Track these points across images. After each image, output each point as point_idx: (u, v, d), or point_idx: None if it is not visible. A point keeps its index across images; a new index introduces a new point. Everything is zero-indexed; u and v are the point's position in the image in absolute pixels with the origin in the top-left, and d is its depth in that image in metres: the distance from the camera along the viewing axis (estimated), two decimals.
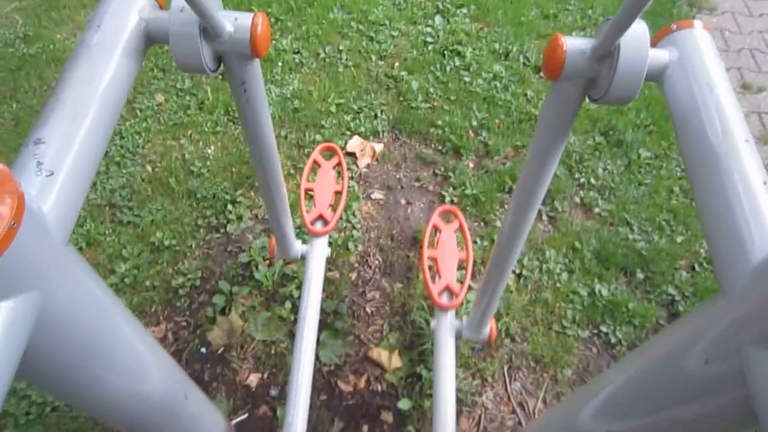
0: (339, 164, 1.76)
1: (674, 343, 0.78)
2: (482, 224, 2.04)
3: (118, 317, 0.81)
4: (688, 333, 0.75)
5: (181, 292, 1.81)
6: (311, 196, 1.67)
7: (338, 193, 1.69)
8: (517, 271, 1.90)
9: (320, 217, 1.61)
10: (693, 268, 1.99)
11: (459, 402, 1.64)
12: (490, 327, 1.46)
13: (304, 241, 1.61)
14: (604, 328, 1.81)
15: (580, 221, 2.08)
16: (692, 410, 0.76)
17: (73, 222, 0.64)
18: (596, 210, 2.11)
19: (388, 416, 1.62)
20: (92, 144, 0.65)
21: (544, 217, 2.08)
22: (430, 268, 1.59)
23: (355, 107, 2.40)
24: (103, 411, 0.99)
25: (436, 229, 1.69)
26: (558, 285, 1.88)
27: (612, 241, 2.00)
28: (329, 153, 1.81)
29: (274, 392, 1.65)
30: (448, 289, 1.51)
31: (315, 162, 1.76)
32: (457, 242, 1.67)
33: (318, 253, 1.56)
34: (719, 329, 0.65)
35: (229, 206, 2.02)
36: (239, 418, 1.60)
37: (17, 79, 2.46)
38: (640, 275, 1.94)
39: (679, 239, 2.05)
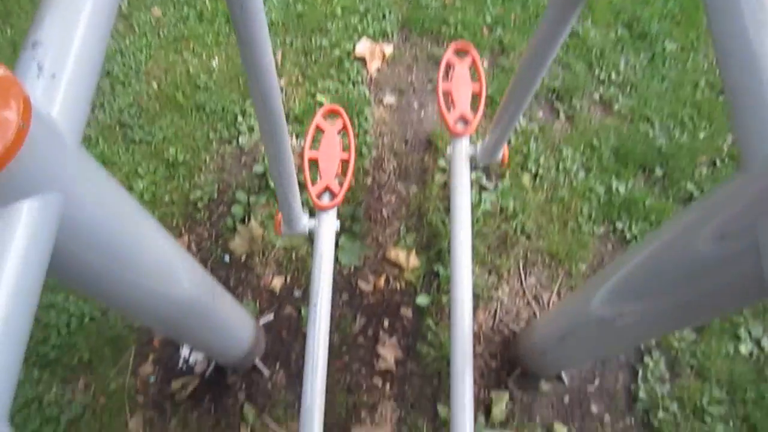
0: (344, 128, 1.78)
1: (688, 222, 0.88)
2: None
3: (141, 221, 0.93)
4: (703, 211, 0.85)
5: (199, 204, 2.05)
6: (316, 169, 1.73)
7: (345, 162, 1.73)
8: (533, 171, 2.11)
9: (327, 189, 1.67)
10: (714, 164, 2.18)
11: (476, 297, 1.90)
12: (503, 152, 1.69)
13: (312, 214, 1.69)
14: (619, 225, 2.03)
15: (598, 119, 2.26)
16: (703, 288, 0.89)
17: (83, 124, 0.70)
18: (616, 107, 2.28)
19: (407, 312, 1.90)
20: (92, 43, 0.69)
21: (562, 116, 2.26)
22: (445, 99, 1.81)
23: (362, 8, 2.54)
24: (136, 313, 1.17)
25: (449, 66, 1.89)
26: (574, 183, 2.09)
27: (631, 138, 2.19)
28: (333, 116, 1.82)
29: (297, 294, 1.92)
30: (462, 118, 1.76)
31: (318, 128, 1.77)
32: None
33: (326, 227, 1.63)
34: (737, 204, 0.73)
35: (239, 118, 2.23)
36: (266, 319, 1.88)
37: (8, 3, 2.62)
38: (659, 172, 2.14)
39: (701, 135, 2.22)
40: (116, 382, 1.80)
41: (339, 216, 1.99)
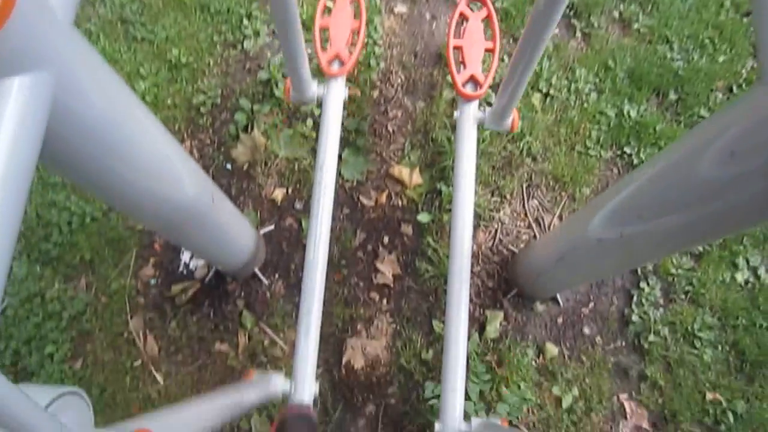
0: None
1: (698, 140, 0.86)
2: (511, 41, 2.13)
3: (138, 113, 0.90)
4: (714, 128, 0.83)
5: (202, 110, 2.00)
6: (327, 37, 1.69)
7: (356, 32, 1.70)
8: (544, 90, 2.03)
9: (337, 57, 1.64)
10: (731, 90, 2.10)
11: (477, 217, 1.88)
12: (512, 117, 1.60)
13: (321, 82, 1.66)
14: (627, 150, 1.98)
15: (616, 38, 2.16)
16: (708, 208, 0.87)
17: (76, 1, 0.70)
18: (635, 26, 2.17)
19: (407, 229, 1.88)
20: None
21: (578, 34, 2.16)
22: (455, 56, 1.70)
23: None
24: (134, 212, 1.15)
25: (463, 18, 1.77)
26: (585, 105, 2.02)
27: (648, 59, 2.10)
28: None
29: (298, 205, 1.90)
30: (472, 79, 1.65)
31: None
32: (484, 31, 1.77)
33: (335, 95, 1.61)
34: (750, 119, 0.72)
35: (245, 20, 2.13)
36: (267, 229, 1.87)
37: None
38: (673, 96, 2.06)
39: (721, 59, 2.13)
40: (117, 282, 1.82)
41: (344, 128, 1.95)
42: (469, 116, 1.62)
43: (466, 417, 1.38)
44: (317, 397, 1.70)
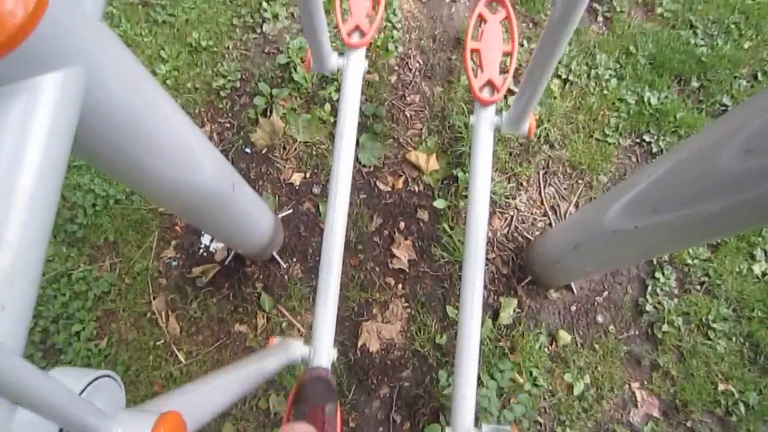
0: None
1: (714, 136, 0.80)
2: (530, 24, 2.01)
3: (163, 103, 0.88)
4: (731, 124, 0.77)
5: (222, 93, 1.92)
6: (347, 8, 1.63)
7: (376, 1, 1.63)
8: (564, 76, 1.92)
9: (357, 29, 1.57)
10: (755, 77, 1.97)
11: (493, 203, 1.79)
12: (529, 122, 1.51)
13: (341, 53, 1.59)
14: (647, 137, 1.87)
15: (638, 22, 2.03)
16: (721, 203, 0.82)
17: None
18: (659, 10, 2.03)
19: (423, 214, 1.80)
20: None
21: (600, 18, 2.03)
22: (472, 60, 1.61)
23: None
24: (159, 197, 1.12)
25: (481, 20, 1.67)
26: (605, 92, 1.91)
27: (671, 45, 1.97)
28: None
29: (316, 190, 1.83)
30: (489, 84, 1.55)
31: None
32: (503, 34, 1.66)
33: (355, 66, 1.55)
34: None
35: (264, 4, 2.03)
36: (285, 213, 1.81)
37: None
38: (695, 83, 1.93)
39: (746, 45, 1.99)
40: (140, 264, 1.77)
41: (361, 114, 1.86)
42: (486, 121, 1.52)
43: (477, 424, 1.32)
44: (335, 364, 1.67)
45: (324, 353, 1.35)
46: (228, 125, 1.90)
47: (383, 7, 1.61)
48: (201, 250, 1.80)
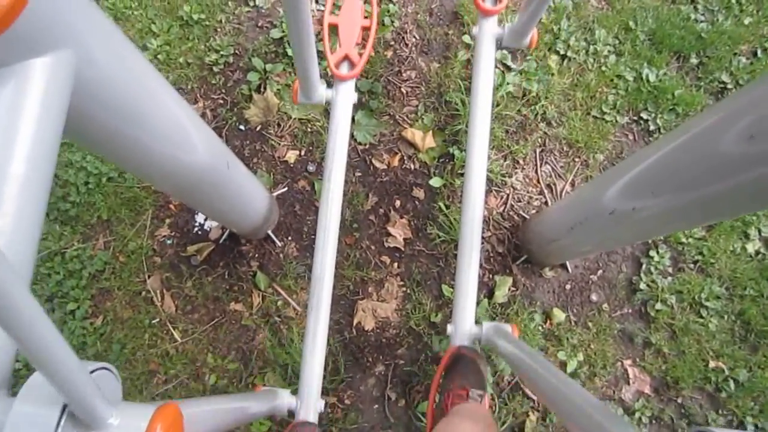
0: None
1: (717, 119, 0.75)
2: None
3: (154, 81, 0.81)
4: (735, 108, 0.72)
5: (215, 69, 1.78)
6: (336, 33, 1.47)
7: (366, 29, 1.47)
8: (562, 52, 1.78)
9: (346, 58, 1.43)
10: (754, 54, 1.84)
11: (489, 182, 1.68)
12: (532, 34, 1.42)
13: (330, 85, 1.46)
14: (644, 115, 1.75)
15: None
16: (720, 188, 0.76)
17: None
18: None
19: (419, 193, 1.70)
20: None
21: None
22: None
23: None
24: (151, 177, 1.04)
25: None
26: (603, 68, 1.78)
27: (671, 20, 1.83)
28: None
29: (311, 168, 1.72)
30: None
31: None
32: None
33: (344, 99, 1.42)
34: None
35: None
36: (280, 191, 1.70)
37: None
38: (694, 60, 1.81)
39: (746, 20, 1.85)
40: (134, 242, 1.66)
41: (357, 89, 1.74)
42: (488, 32, 1.43)
43: (477, 322, 1.30)
44: (331, 343, 1.58)
45: (311, 406, 1.27)
46: (221, 102, 1.77)
47: (373, 36, 1.45)
48: (196, 229, 1.69)
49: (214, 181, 1.11)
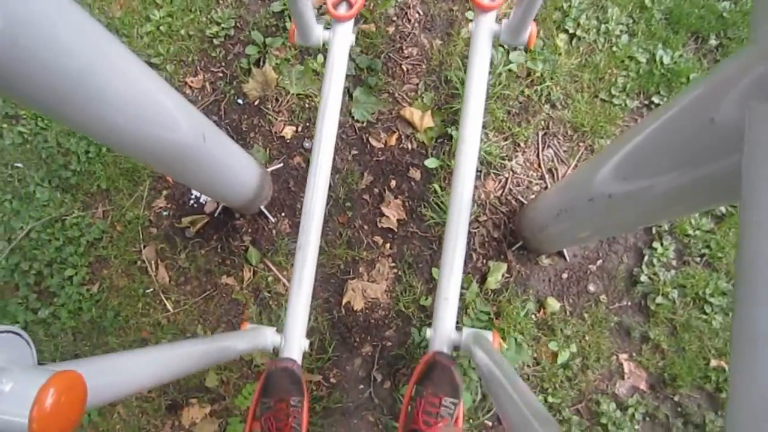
0: None
1: (684, 102, 0.70)
2: None
3: (103, 42, 0.73)
4: (700, 91, 0.67)
5: (215, 41, 1.74)
6: None
7: None
8: (571, 31, 1.68)
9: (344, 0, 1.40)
10: None
11: (488, 164, 1.61)
12: (530, 31, 1.34)
13: (327, 26, 1.43)
14: (656, 99, 1.64)
15: None
16: (686, 176, 0.72)
17: None
18: None
19: (415, 173, 1.63)
20: None
21: None
22: None
23: None
24: (119, 148, 0.99)
25: None
26: (614, 49, 1.67)
27: None
28: None
29: (307, 144, 1.67)
30: None
31: None
32: None
33: (341, 40, 1.39)
34: (734, 83, 0.59)
35: None
36: (275, 167, 1.66)
37: None
38: (713, 41, 1.68)
39: None
40: (132, 212, 1.66)
41: (356, 65, 1.68)
42: (484, 29, 1.35)
43: (459, 327, 1.25)
44: (318, 323, 1.56)
45: (295, 344, 1.27)
46: (221, 75, 1.73)
47: None
48: (192, 201, 1.67)
49: (192, 153, 1.06)
